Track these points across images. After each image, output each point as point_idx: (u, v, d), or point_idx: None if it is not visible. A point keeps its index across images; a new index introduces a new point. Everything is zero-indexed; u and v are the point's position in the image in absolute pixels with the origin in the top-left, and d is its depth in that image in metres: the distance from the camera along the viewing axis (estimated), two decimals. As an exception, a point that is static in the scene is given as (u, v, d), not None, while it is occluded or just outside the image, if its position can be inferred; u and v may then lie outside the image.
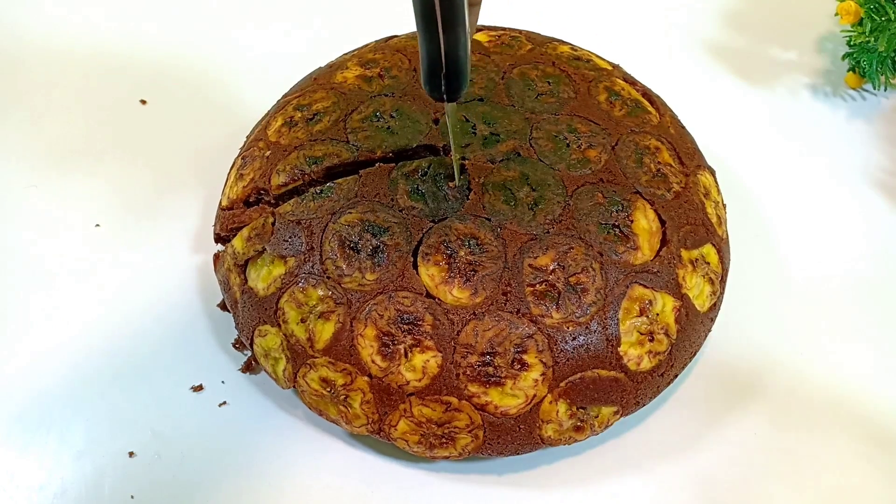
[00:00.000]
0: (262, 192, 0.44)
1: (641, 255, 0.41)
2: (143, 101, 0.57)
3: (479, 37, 0.50)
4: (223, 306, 0.46)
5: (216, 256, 0.46)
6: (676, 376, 0.42)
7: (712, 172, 0.47)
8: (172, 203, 0.51)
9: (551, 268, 0.39)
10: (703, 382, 0.45)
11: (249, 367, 0.44)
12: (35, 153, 0.54)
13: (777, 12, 0.65)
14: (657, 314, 0.40)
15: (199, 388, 0.44)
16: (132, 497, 0.40)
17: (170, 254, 0.49)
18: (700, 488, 0.41)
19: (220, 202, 0.47)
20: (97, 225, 0.50)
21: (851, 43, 0.58)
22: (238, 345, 0.45)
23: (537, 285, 0.39)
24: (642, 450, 0.43)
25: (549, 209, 0.41)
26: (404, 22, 0.55)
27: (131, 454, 0.41)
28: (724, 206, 0.47)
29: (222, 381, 0.44)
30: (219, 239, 0.46)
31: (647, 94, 0.49)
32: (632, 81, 0.50)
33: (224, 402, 0.43)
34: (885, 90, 0.60)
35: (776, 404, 0.44)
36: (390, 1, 0.64)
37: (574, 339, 0.39)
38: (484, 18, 0.55)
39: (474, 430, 0.39)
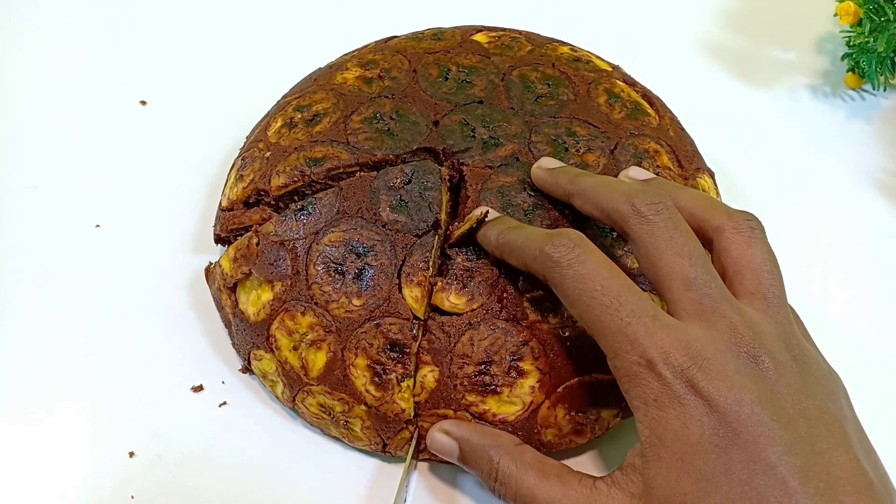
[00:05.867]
0: (261, 192, 0.44)
1: (640, 259, 0.41)
2: (143, 102, 0.57)
3: (479, 37, 0.50)
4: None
5: (208, 270, 0.46)
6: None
7: (711, 175, 0.47)
8: (172, 203, 0.51)
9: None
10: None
11: (249, 367, 0.44)
12: (35, 153, 0.54)
13: (776, 13, 0.65)
14: (655, 317, 0.40)
15: (199, 389, 0.44)
16: (132, 497, 0.40)
17: (170, 254, 0.49)
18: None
19: (220, 203, 0.47)
20: (97, 225, 0.50)
21: (851, 43, 0.58)
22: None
23: (533, 291, 0.39)
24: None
25: (547, 214, 0.41)
26: (404, 22, 0.55)
27: (131, 454, 0.41)
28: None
29: (222, 382, 0.44)
30: (219, 240, 0.46)
31: (647, 95, 0.49)
32: (631, 83, 0.50)
33: (224, 403, 0.43)
34: (885, 90, 0.60)
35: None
36: (390, 1, 0.64)
37: (570, 344, 0.39)
38: (484, 18, 0.56)
39: None
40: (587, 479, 0.34)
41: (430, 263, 0.40)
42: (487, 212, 0.39)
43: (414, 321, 0.39)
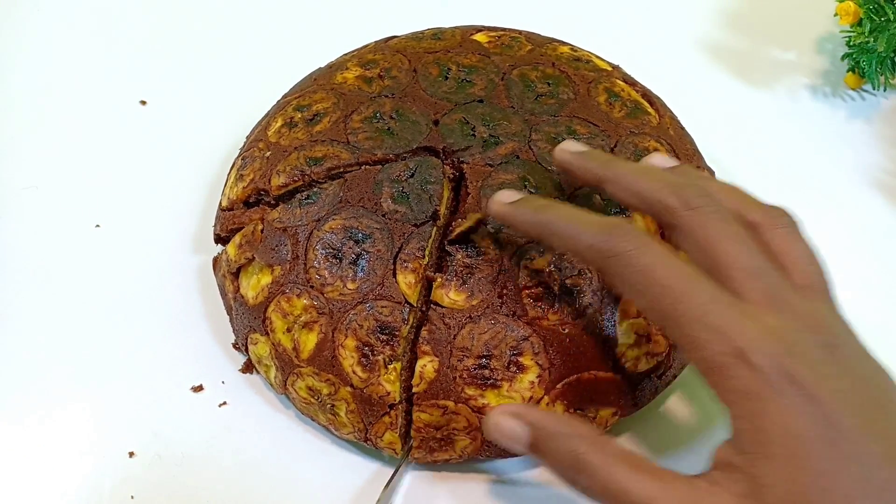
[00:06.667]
0: (262, 192, 0.44)
1: (640, 257, 0.41)
2: (143, 102, 0.57)
3: (479, 37, 0.50)
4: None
5: (215, 260, 0.46)
6: (675, 377, 0.42)
7: (711, 174, 0.47)
8: (172, 203, 0.51)
9: (548, 270, 0.39)
10: (702, 383, 0.45)
11: (249, 367, 0.44)
12: (35, 153, 0.54)
13: (776, 12, 0.65)
14: (656, 315, 0.40)
15: (199, 389, 0.44)
16: (132, 497, 0.40)
17: (170, 254, 0.49)
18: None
19: (220, 203, 0.47)
20: (97, 225, 0.50)
21: (851, 43, 0.58)
22: (238, 346, 0.45)
23: (533, 288, 0.39)
24: (641, 450, 0.43)
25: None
26: (404, 22, 0.55)
27: (131, 454, 0.41)
28: (723, 207, 0.47)
29: (222, 382, 0.44)
30: (219, 240, 0.46)
31: (647, 95, 0.49)
32: (631, 82, 0.50)
33: (224, 403, 0.43)
34: (885, 90, 0.60)
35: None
36: (390, 1, 0.64)
37: (570, 340, 0.39)
38: (484, 18, 0.56)
39: (472, 431, 0.39)
40: (681, 476, 0.32)
41: (427, 252, 0.40)
42: (493, 212, 0.39)
43: (406, 305, 0.39)
